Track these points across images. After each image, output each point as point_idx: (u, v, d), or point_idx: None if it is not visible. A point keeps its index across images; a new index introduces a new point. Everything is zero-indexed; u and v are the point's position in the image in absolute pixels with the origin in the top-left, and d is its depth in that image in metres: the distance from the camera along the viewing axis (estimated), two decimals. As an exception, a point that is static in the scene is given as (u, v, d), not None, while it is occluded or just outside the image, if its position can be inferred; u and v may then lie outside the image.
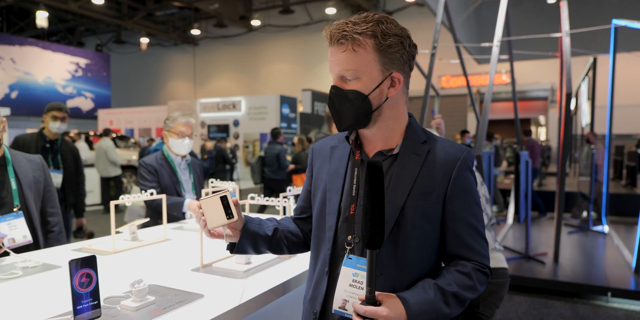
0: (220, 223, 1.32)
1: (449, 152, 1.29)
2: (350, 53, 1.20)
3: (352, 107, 1.24)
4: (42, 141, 3.94)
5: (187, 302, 1.56)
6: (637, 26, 5.24)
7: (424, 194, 1.24)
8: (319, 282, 1.35)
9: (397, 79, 1.26)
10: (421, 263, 1.26)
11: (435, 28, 6.01)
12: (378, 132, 1.30)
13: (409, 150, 1.29)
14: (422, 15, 19.61)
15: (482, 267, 1.28)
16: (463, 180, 1.27)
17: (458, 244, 1.27)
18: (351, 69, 1.21)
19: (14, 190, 2.38)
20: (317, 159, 1.47)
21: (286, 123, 15.33)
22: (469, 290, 1.23)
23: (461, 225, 1.27)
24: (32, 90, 22.50)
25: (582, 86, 10.47)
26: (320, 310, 1.34)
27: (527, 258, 5.33)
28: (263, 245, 1.44)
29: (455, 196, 1.26)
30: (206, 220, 1.33)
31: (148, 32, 23.92)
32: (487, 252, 1.30)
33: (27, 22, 24.18)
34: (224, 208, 1.31)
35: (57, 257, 2.15)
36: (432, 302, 1.17)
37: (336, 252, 1.33)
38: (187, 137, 3.23)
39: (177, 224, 3.05)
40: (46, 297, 1.63)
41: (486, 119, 5.07)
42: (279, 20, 22.83)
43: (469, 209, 1.28)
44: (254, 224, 1.42)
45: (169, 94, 26.97)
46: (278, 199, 2.15)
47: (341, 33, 1.20)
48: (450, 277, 1.23)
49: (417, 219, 1.24)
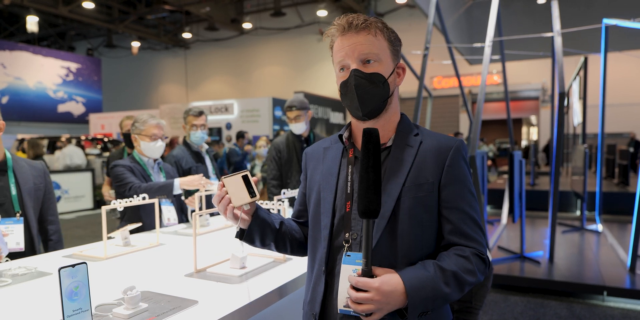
0: (245, 201, 1.31)
1: (442, 142, 1.30)
2: (372, 37, 1.26)
3: (375, 90, 1.26)
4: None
5: (181, 308, 1.53)
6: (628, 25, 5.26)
7: (418, 184, 1.25)
8: (317, 282, 1.34)
9: (402, 68, 1.34)
10: (420, 252, 1.26)
11: (427, 29, 6.02)
12: (379, 125, 1.31)
13: (402, 142, 1.31)
14: (413, 17, 19.68)
15: (480, 253, 1.25)
16: (457, 169, 1.28)
17: (454, 231, 1.26)
18: (375, 51, 1.26)
19: (13, 196, 2.34)
20: (310, 161, 1.48)
21: (279, 125, 15.31)
22: (469, 273, 1.20)
23: (456, 213, 1.26)
24: (22, 95, 22.36)
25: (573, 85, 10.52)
26: (319, 311, 1.32)
27: (522, 258, 5.33)
28: (269, 236, 1.41)
29: (449, 184, 1.27)
30: (231, 197, 1.31)
31: (139, 35, 23.83)
32: (483, 240, 1.28)
33: (17, 27, 24.04)
34: (246, 187, 1.31)
35: (47, 264, 2.11)
36: (431, 279, 1.14)
37: (332, 251, 1.32)
38: (159, 140, 3.13)
39: (170, 229, 3.01)
40: (35, 305, 1.59)
41: (479, 119, 5.07)
42: (270, 23, 22.82)
43: (464, 197, 1.28)
44: (263, 211, 1.42)
45: (161, 97, 26.87)
46: (272, 202, 2.13)
47: (362, 20, 1.26)
48: (450, 259, 1.21)
49: (413, 208, 1.24)
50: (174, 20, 24.34)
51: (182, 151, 3.70)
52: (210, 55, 25.74)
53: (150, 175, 3.15)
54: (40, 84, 23.29)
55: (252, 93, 23.66)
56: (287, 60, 23.54)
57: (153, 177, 3.16)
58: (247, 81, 24.82)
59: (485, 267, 1.25)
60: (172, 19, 24.21)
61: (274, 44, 23.76)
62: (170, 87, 27.28)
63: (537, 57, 10.82)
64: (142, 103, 27.08)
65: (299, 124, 3.85)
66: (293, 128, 3.91)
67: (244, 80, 24.89)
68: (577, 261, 5.32)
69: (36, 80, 23.10)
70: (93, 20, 21.19)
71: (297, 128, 3.88)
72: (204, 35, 24.76)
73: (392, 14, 20.66)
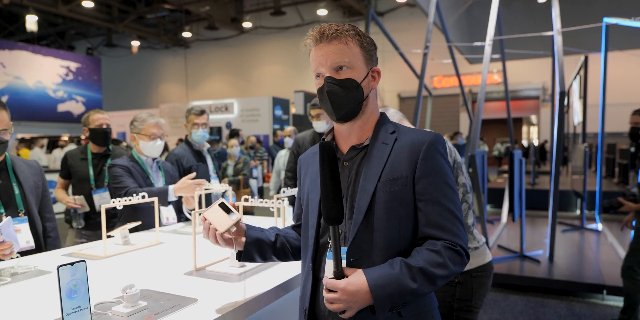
0: (228, 225, 1.42)
1: (416, 138, 1.35)
2: (343, 46, 1.32)
3: (349, 94, 1.33)
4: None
5: (180, 306, 1.52)
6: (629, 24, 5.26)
7: (393, 179, 1.30)
8: (306, 279, 1.41)
9: (377, 72, 1.40)
10: (398, 245, 1.29)
11: (428, 28, 6.01)
12: (357, 126, 1.39)
13: (378, 140, 1.37)
14: (413, 16, 19.68)
15: (453, 245, 1.26)
16: (431, 162, 1.31)
17: (428, 224, 1.29)
18: (346, 58, 1.32)
19: (16, 194, 2.35)
20: (302, 167, 1.55)
21: (279, 125, 15.31)
22: (439, 267, 1.22)
23: (431, 205, 1.29)
24: (22, 94, 22.31)
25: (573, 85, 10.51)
26: (308, 306, 1.39)
27: (522, 257, 5.32)
28: (268, 250, 1.51)
29: (422, 177, 1.30)
30: (216, 226, 1.42)
31: (139, 35, 23.83)
32: (461, 232, 1.29)
33: (16, 26, 24.03)
34: (225, 211, 1.43)
35: (46, 262, 2.11)
36: (396, 277, 1.19)
37: (319, 249, 1.39)
38: (158, 139, 3.11)
39: (170, 228, 3.01)
40: (34, 303, 1.59)
41: (479, 118, 5.06)
42: (270, 22, 22.82)
43: (440, 190, 1.30)
44: (255, 230, 1.51)
45: (161, 97, 26.88)
46: (272, 201, 2.12)
47: (333, 30, 1.32)
48: (419, 255, 1.24)
49: (389, 202, 1.29)
50: (174, 20, 24.33)
51: (183, 150, 3.69)
52: (210, 55, 25.74)
53: (148, 174, 3.12)
54: (40, 83, 23.26)
55: (252, 92, 23.67)
56: (287, 59, 23.53)
57: (152, 176, 3.14)
58: (247, 80, 24.82)
59: (460, 259, 1.26)
60: (172, 18, 24.21)
61: (274, 43, 23.76)
62: (170, 87, 27.28)
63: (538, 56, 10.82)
64: (142, 102, 27.07)
65: (320, 122, 3.96)
66: (315, 126, 4.01)
67: (244, 79, 24.89)
68: (577, 260, 5.32)
69: (36, 80, 23.06)
70: (93, 19, 21.19)
71: (318, 126, 3.99)
72: (203, 34, 24.75)
73: (393, 13, 20.66)
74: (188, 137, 3.78)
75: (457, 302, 2.13)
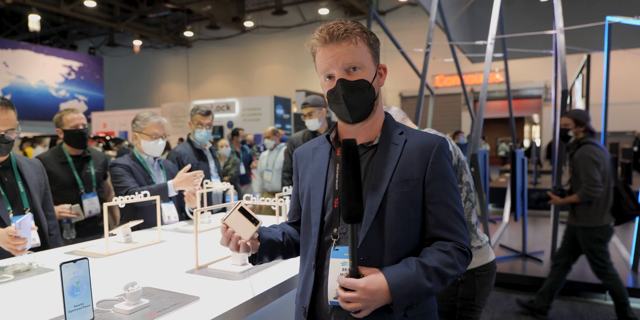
0: (252, 231, 1.36)
1: (425, 140, 1.37)
2: (353, 46, 1.31)
3: (362, 95, 1.33)
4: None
5: (182, 304, 1.53)
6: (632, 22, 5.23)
7: (405, 180, 1.32)
8: (307, 277, 1.40)
9: (383, 69, 1.41)
10: (406, 245, 1.31)
11: (429, 27, 5.99)
12: (367, 126, 1.39)
13: (388, 140, 1.38)
14: (414, 15, 19.65)
15: (462, 246, 1.31)
16: (440, 165, 1.34)
17: (437, 225, 1.32)
18: (357, 59, 1.31)
19: (22, 193, 2.37)
20: (300, 162, 1.54)
21: (280, 124, 15.30)
22: (451, 267, 1.26)
23: (440, 207, 1.33)
24: (25, 93, 22.33)
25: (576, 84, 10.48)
26: (309, 304, 1.37)
27: (524, 256, 5.31)
28: (277, 250, 1.49)
29: (433, 180, 1.33)
30: (239, 234, 1.36)
31: (141, 34, 23.82)
32: (466, 234, 1.34)
33: (19, 26, 24.04)
34: (247, 217, 1.36)
35: (49, 260, 2.12)
36: (413, 276, 1.21)
37: (322, 247, 1.38)
38: (160, 139, 3.09)
39: (171, 226, 3.01)
40: (37, 301, 1.59)
41: (481, 118, 5.05)
42: (271, 22, 22.80)
43: (447, 193, 1.34)
44: (265, 231, 1.47)
45: (163, 96, 26.88)
46: (274, 199, 2.12)
47: (343, 30, 1.30)
48: (432, 255, 1.27)
49: (400, 202, 1.30)
50: (176, 19, 24.32)
51: (185, 148, 3.70)
52: (212, 54, 25.73)
53: (150, 173, 3.12)
54: (43, 82, 23.29)
55: (254, 91, 23.65)
56: (288, 58, 23.51)
57: (153, 175, 3.14)
58: (248, 80, 24.81)
59: (466, 259, 1.31)
60: (173, 17, 24.20)
61: (275, 42, 23.74)
62: (172, 86, 27.28)
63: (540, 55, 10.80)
64: (144, 101, 27.07)
65: (312, 120, 4.01)
66: (307, 124, 4.07)
67: (246, 78, 24.88)
68: (579, 260, 5.29)
69: (38, 79, 23.08)
70: (95, 19, 21.19)
71: (310, 124, 4.05)
72: (205, 33, 24.75)
73: (394, 12, 20.63)
74: (190, 135, 3.79)
75: (460, 301, 2.12)
